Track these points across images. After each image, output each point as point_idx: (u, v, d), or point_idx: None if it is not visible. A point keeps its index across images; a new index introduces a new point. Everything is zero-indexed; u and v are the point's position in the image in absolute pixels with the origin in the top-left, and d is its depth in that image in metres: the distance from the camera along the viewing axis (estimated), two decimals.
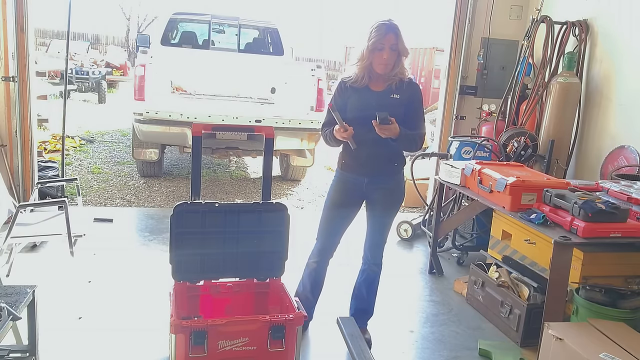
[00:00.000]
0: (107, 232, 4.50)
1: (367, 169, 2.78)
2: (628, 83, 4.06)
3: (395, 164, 2.82)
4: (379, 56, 2.63)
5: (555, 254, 2.61)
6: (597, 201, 2.73)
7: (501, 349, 3.00)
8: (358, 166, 2.79)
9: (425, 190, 5.65)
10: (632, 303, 2.68)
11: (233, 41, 7.39)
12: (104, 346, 2.81)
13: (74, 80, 13.03)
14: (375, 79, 2.73)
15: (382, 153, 2.75)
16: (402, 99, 2.70)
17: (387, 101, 2.67)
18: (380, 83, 2.73)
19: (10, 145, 4.46)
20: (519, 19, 5.16)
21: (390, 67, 2.67)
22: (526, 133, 4.36)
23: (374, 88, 2.73)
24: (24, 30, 4.35)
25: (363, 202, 2.90)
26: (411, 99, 2.73)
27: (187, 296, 2.62)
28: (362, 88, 2.72)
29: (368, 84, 2.72)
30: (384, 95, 2.70)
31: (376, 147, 2.71)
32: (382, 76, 2.70)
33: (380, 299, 3.66)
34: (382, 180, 2.81)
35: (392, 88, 2.71)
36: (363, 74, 2.69)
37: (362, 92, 2.72)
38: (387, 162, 2.80)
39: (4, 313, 2.04)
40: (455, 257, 4.43)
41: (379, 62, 2.64)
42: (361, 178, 2.80)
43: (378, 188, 2.81)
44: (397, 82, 2.70)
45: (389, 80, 2.71)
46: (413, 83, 2.78)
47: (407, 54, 2.70)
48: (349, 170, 2.83)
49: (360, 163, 2.77)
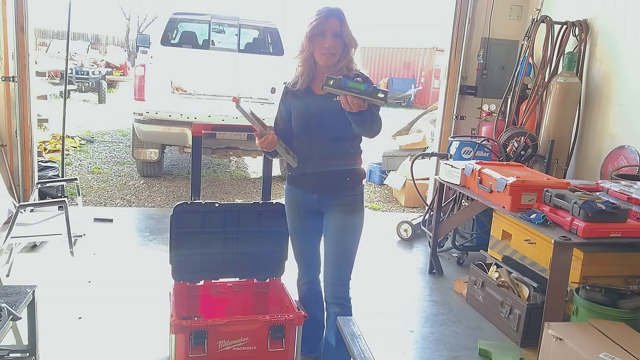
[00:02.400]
0: (107, 232, 4.50)
1: (315, 185, 2.36)
2: (628, 83, 4.06)
3: (348, 179, 2.36)
4: (320, 44, 2.22)
5: (555, 254, 2.61)
6: (597, 201, 2.73)
7: (501, 349, 2.99)
8: (305, 182, 2.38)
9: (425, 190, 5.66)
10: (632, 303, 2.68)
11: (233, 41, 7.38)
12: (104, 346, 2.81)
13: (74, 80, 13.02)
14: (319, 78, 2.24)
15: (333, 167, 2.33)
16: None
17: (329, 105, 2.18)
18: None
19: (10, 145, 4.46)
20: (519, 19, 5.16)
21: (335, 59, 2.25)
22: (526, 133, 4.36)
23: (316, 90, 2.28)
24: (24, 30, 4.35)
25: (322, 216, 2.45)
26: None
27: (187, 296, 2.62)
28: (304, 91, 2.31)
29: (310, 84, 2.31)
30: (326, 99, 2.17)
31: (324, 161, 2.31)
32: (326, 72, 2.20)
33: (380, 299, 3.66)
34: (334, 198, 2.37)
35: None
36: (304, 71, 2.29)
37: (303, 96, 2.31)
38: (339, 178, 2.34)
39: (4, 313, 2.04)
40: (455, 257, 4.43)
41: (320, 52, 2.23)
42: (310, 195, 2.39)
43: (330, 205, 2.38)
44: None
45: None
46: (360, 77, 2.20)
47: (355, 44, 2.27)
48: (296, 185, 2.44)
49: (307, 179, 2.37)
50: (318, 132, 2.28)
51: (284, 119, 2.39)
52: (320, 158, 2.31)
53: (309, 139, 2.31)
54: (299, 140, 2.34)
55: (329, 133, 2.28)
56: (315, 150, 2.31)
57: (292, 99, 2.35)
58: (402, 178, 6.21)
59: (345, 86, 1.91)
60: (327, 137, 2.28)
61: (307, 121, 2.29)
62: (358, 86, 1.91)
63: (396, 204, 6.31)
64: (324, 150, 2.30)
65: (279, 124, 2.39)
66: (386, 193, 6.73)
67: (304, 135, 2.32)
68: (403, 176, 6.21)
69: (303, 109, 2.31)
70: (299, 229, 2.49)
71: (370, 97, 1.90)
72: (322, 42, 2.23)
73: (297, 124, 2.33)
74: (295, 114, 2.33)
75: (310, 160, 2.33)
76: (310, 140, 2.31)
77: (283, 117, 2.39)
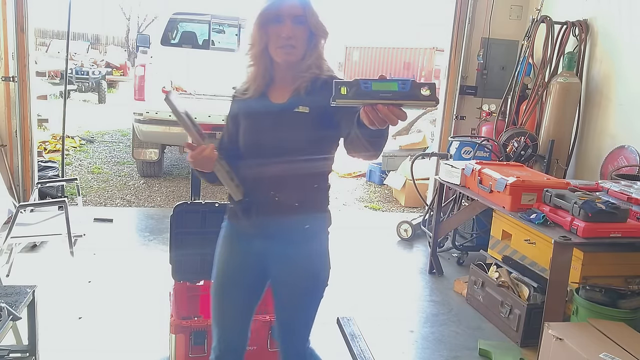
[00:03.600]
0: (107, 232, 4.49)
1: (262, 229, 1.71)
2: (628, 83, 4.06)
3: (307, 227, 1.71)
4: (276, 33, 1.60)
5: (555, 254, 2.61)
6: (597, 201, 2.73)
7: (501, 349, 2.99)
8: (248, 222, 1.72)
9: (425, 190, 5.65)
10: (632, 303, 2.68)
11: (233, 41, 7.38)
12: (104, 346, 2.81)
13: (74, 80, 13.03)
14: (280, 81, 1.69)
15: (288, 207, 1.66)
16: (314, 112, 1.60)
17: (290, 118, 1.63)
18: (284, 88, 1.68)
19: (10, 145, 4.46)
20: (519, 19, 5.15)
21: (297, 54, 1.62)
22: (526, 133, 4.36)
23: (274, 98, 1.68)
24: (24, 30, 4.35)
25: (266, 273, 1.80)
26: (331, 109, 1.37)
27: (187, 296, 2.63)
28: (257, 99, 1.69)
29: (265, 90, 1.69)
30: (285, 111, 1.64)
31: (277, 197, 1.66)
32: (288, 73, 1.66)
33: (380, 299, 3.66)
34: (287, 249, 1.71)
35: (300, 95, 1.63)
36: (257, 73, 1.68)
37: (256, 105, 1.69)
38: (296, 224, 1.69)
39: (4, 313, 2.05)
40: (455, 257, 4.43)
41: (276, 45, 1.61)
42: (253, 240, 1.75)
43: (281, 258, 1.73)
44: (308, 85, 1.63)
45: (298, 80, 1.65)
46: (329, 80, 1.55)
47: (324, 34, 1.65)
48: (237, 223, 1.77)
49: (251, 219, 1.71)
50: (272, 155, 1.64)
51: (231, 135, 1.76)
52: (272, 192, 1.66)
53: (259, 163, 1.67)
54: (247, 165, 1.69)
55: (288, 157, 1.63)
56: (266, 181, 1.66)
57: (241, 108, 1.74)
58: (402, 178, 6.21)
59: (369, 91, 1.15)
60: (284, 163, 1.63)
61: (259, 139, 1.66)
62: (388, 87, 1.16)
63: (396, 204, 6.31)
64: (278, 181, 1.65)
65: (225, 142, 1.77)
66: (386, 193, 6.73)
67: (253, 159, 1.69)
68: (403, 176, 6.21)
69: (254, 123, 1.68)
70: (232, 280, 1.80)
71: (413, 100, 1.14)
72: (278, 31, 1.60)
73: (245, 142, 1.70)
74: (243, 128, 1.71)
75: (258, 194, 1.68)
76: (261, 165, 1.66)
77: (230, 134, 1.76)
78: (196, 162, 1.55)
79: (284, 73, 1.68)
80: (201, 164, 1.56)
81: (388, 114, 1.17)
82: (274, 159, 1.64)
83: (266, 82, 1.69)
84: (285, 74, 1.68)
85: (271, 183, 1.66)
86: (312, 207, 1.71)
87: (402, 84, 1.15)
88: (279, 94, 1.68)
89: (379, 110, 1.17)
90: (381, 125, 1.20)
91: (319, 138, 1.63)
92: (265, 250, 1.74)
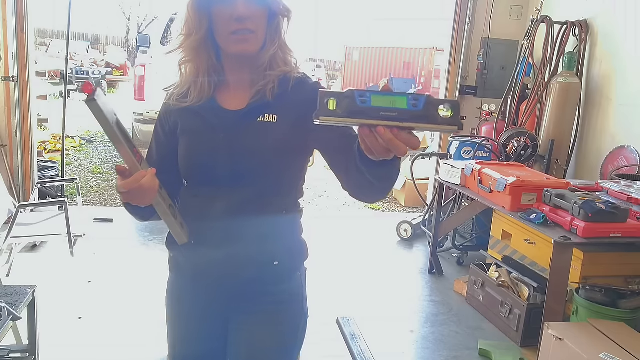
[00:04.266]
0: (107, 232, 4.50)
1: (217, 278, 1.30)
2: (628, 83, 4.06)
3: (276, 263, 1.28)
4: (224, 12, 1.17)
5: (555, 254, 2.61)
6: (597, 201, 2.73)
7: (501, 349, 2.99)
8: (199, 271, 1.32)
9: (425, 190, 5.66)
10: (632, 303, 2.68)
11: None
12: (104, 346, 2.81)
13: (74, 80, 13.02)
14: (233, 81, 1.27)
15: (252, 246, 1.26)
16: (284, 121, 1.22)
17: (250, 131, 1.22)
18: (240, 89, 1.26)
19: (10, 145, 4.46)
20: (519, 19, 5.15)
21: (256, 42, 1.20)
22: (526, 133, 4.36)
23: (226, 103, 1.26)
24: (24, 30, 4.35)
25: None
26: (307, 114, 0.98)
27: None
28: (203, 106, 1.26)
29: (213, 94, 1.26)
30: (245, 120, 1.23)
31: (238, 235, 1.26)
32: (244, 69, 1.24)
33: (380, 299, 3.66)
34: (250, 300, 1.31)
35: (265, 98, 1.22)
36: (199, 70, 1.25)
37: (201, 114, 1.26)
38: (262, 264, 1.28)
39: (4, 313, 2.04)
40: (455, 257, 4.43)
41: (227, 29, 1.18)
42: (207, 293, 1.34)
43: (243, 314, 1.32)
44: (275, 84, 1.23)
45: (257, 79, 1.24)
46: (309, 83, 1.27)
47: (287, 11, 1.24)
48: (183, 275, 1.36)
49: (200, 266, 1.31)
50: (229, 180, 1.23)
51: (163, 157, 1.31)
52: (229, 228, 1.25)
53: (210, 192, 1.26)
54: (193, 197, 1.29)
55: (252, 182, 1.22)
56: (220, 214, 1.24)
57: (179, 121, 1.28)
58: (402, 178, 6.21)
59: (366, 107, 0.81)
60: (244, 188, 1.23)
61: (209, 160, 1.24)
62: (393, 102, 0.81)
63: (396, 204, 6.31)
64: (237, 212, 1.23)
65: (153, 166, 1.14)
66: None
67: (201, 186, 1.28)
68: (403, 176, 6.21)
69: (201, 139, 1.25)
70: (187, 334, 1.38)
71: (426, 124, 0.81)
72: (227, 10, 1.16)
73: (189, 165, 1.27)
74: (186, 147, 1.27)
75: (212, 233, 1.26)
76: (213, 194, 1.25)
77: (163, 155, 1.31)
78: (130, 193, 1.06)
79: (238, 69, 1.24)
80: (136, 197, 1.07)
81: (393, 140, 0.81)
82: (230, 185, 1.23)
83: (213, 82, 1.25)
84: (240, 71, 1.24)
85: (228, 216, 1.23)
86: (281, 238, 1.30)
87: (413, 100, 0.80)
88: (232, 98, 1.26)
89: (380, 134, 0.82)
90: (383, 156, 0.86)
91: (289, 154, 1.23)
92: (223, 304, 1.33)
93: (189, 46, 1.23)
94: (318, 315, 3.14)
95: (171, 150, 1.30)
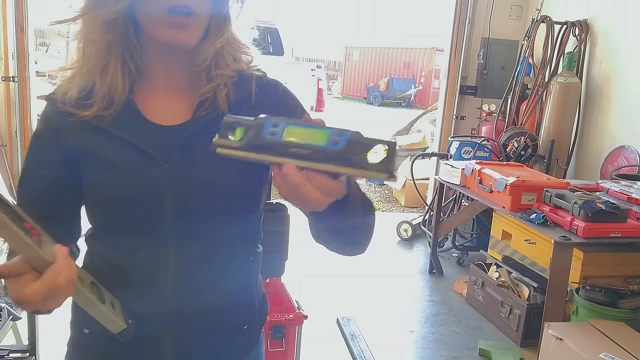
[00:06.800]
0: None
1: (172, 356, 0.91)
2: (628, 83, 4.06)
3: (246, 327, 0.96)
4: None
5: (555, 254, 2.61)
6: (597, 201, 2.73)
7: (501, 349, 3.00)
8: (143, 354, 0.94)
9: (425, 190, 5.65)
10: (632, 303, 2.68)
11: None
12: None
13: None
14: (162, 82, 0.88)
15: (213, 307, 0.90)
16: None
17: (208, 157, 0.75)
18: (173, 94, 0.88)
19: (10, 145, 4.46)
20: (519, 19, 5.15)
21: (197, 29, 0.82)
22: (526, 133, 4.36)
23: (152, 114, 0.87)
24: (24, 30, 4.35)
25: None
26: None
27: None
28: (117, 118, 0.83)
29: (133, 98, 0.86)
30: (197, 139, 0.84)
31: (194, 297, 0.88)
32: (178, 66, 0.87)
33: (380, 299, 3.66)
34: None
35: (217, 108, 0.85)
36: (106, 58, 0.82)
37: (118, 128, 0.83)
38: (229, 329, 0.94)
39: (4, 313, 2.05)
40: (455, 257, 4.43)
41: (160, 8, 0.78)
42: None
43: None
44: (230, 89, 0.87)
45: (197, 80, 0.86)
46: (272, 83, 0.96)
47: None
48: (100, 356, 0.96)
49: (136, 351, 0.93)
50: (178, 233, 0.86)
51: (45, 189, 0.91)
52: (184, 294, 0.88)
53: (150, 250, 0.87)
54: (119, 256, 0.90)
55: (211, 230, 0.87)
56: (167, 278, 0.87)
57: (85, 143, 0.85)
58: (402, 178, 6.21)
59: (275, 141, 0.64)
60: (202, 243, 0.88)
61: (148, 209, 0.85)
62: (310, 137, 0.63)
63: (396, 204, 6.31)
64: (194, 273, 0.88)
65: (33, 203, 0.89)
66: (386, 193, 6.73)
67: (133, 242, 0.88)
68: (403, 176, 6.21)
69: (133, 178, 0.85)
70: None
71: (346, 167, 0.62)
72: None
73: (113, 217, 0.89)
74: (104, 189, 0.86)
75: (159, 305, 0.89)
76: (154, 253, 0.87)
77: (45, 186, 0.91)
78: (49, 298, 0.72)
79: (167, 64, 0.87)
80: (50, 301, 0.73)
81: (300, 186, 0.63)
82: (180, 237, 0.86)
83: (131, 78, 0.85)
84: (170, 67, 0.87)
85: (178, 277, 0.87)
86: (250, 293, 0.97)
87: (335, 135, 0.63)
88: (162, 106, 0.88)
89: (285, 175, 0.63)
90: (295, 204, 0.67)
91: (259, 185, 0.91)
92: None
93: (98, 17, 0.80)
94: (318, 315, 3.14)
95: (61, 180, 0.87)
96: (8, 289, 0.70)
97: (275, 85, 0.95)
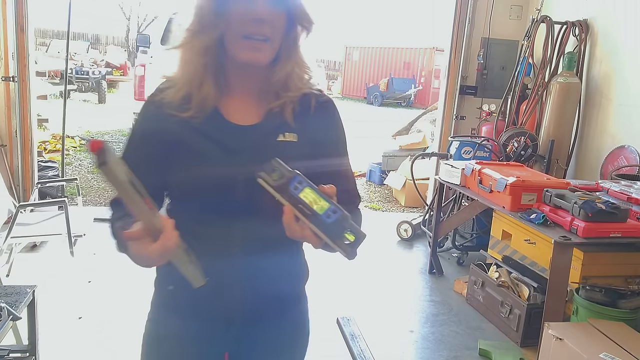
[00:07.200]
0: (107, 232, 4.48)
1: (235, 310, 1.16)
2: (628, 83, 4.06)
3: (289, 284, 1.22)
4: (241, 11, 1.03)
5: (555, 254, 2.61)
6: (597, 201, 2.73)
7: (501, 349, 3.00)
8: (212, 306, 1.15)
9: (425, 190, 5.66)
10: (632, 303, 2.68)
11: None
12: (104, 346, 2.81)
13: (74, 80, 13.03)
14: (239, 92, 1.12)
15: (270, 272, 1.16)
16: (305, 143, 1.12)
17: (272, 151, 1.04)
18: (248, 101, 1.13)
19: (10, 145, 4.46)
20: (519, 19, 5.16)
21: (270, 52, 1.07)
22: (526, 133, 4.36)
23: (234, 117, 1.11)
24: (24, 30, 4.35)
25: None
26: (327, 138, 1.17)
27: None
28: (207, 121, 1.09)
29: (217, 104, 1.10)
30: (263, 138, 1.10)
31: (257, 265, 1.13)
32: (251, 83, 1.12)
33: (380, 299, 3.66)
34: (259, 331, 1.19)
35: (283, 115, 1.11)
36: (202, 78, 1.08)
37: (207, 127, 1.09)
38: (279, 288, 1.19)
39: (4, 313, 2.04)
40: (455, 257, 4.43)
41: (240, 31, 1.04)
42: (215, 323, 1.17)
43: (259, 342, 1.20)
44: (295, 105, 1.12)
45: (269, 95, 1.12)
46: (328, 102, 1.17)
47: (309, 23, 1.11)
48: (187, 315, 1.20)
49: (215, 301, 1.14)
50: (246, 211, 1.07)
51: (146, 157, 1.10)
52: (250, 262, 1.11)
53: (223, 224, 1.09)
54: (200, 227, 1.10)
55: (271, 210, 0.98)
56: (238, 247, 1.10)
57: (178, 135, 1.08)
58: (402, 178, 6.21)
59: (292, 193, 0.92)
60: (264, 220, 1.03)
61: (223, 189, 1.08)
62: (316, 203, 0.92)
63: (396, 204, 6.31)
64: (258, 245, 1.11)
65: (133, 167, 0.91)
66: (386, 193, 6.73)
67: (210, 217, 1.10)
68: (403, 176, 6.21)
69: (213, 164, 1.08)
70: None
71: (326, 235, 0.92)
72: (244, 10, 1.02)
73: (196, 194, 1.09)
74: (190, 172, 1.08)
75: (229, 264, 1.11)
76: (227, 226, 1.09)
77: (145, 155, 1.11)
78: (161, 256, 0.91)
79: (245, 79, 1.10)
80: (161, 258, 0.92)
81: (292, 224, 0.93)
82: (247, 213, 1.07)
83: (216, 92, 1.08)
84: (247, 82, 1.11)
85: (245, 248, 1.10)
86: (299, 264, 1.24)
87: (331, 211, 0.90)
88: (239, 110, 1.11)
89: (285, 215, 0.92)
90: (291, 236, 0.94)
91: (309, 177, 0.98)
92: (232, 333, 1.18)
93: (198, 45, 1.06)
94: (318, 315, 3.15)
95: (155, 156, 1.09)
96: (132, 248, 0.93)
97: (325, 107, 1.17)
